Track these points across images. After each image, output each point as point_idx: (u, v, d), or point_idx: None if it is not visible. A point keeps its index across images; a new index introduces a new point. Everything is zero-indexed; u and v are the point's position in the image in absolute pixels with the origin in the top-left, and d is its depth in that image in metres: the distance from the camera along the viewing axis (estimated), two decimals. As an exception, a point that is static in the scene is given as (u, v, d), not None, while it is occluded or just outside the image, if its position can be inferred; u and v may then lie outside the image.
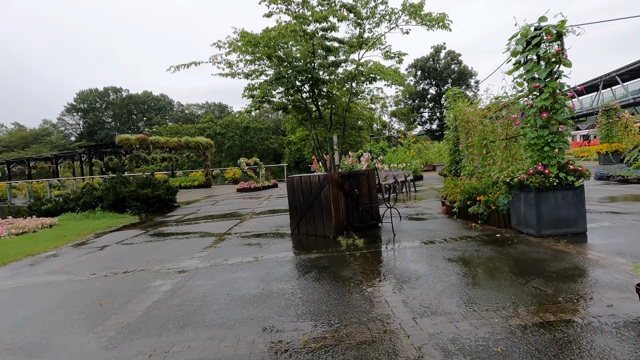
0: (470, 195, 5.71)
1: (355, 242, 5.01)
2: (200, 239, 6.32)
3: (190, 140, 23.81)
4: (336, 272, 3.75)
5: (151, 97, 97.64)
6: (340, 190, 5.52)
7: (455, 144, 8.30)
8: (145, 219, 10.36)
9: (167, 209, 12.58)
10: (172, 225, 8.64)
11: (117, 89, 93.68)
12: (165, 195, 12.18)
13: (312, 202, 5.66)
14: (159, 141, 21.30)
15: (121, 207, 11.63)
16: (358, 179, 5.77)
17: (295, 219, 6.08)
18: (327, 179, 5.35)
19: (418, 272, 3.50)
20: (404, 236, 5.19)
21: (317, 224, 5.68)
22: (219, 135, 41.40)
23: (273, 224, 7.42)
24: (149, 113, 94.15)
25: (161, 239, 6.76)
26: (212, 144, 25.66)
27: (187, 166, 37.09)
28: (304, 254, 4.65)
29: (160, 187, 12.16)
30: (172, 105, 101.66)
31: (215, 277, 3.93)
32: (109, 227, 9.17)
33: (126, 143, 19.21)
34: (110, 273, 4.47)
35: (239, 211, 10.19)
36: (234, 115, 43.22)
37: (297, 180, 5.90)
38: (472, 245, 4.35)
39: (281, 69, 4.55)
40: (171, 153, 24.63)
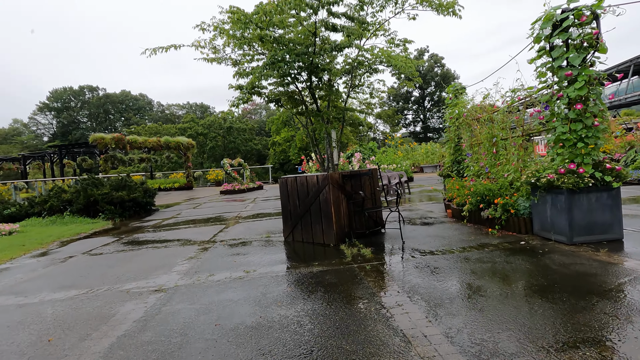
0: (482, 198, 5.19)
1: (361, 251, 4.38)
2: (181, 248, 5.55)
3: (170, 140, 22.72)
4: (348, 291, 3.11)
5: (129, 96, 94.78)
6: (341, 193, 4.89)
7: (457, 142, 7.82)
8: (119, 225, 9.44)
9: (145, 213, 11.64)
10: (149, 231, 7.79)
11: (93, 88, 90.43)
12: (142, 198, 11.25)
13: (310, 205, 5.01)
14: (137, 141, 20.17)
15: (93, 211, 10.64)
16: (360, 179, 5.16)
17: (289, 224, 5.41)
18: (327, 180, 4.71)
19: (449, 292, 2.90)
20: (415, 244, 4.61)
21: (316, 231, 5.02)
22: (201, 136, 40.12)
23: (263, 229, 6.71)
24: (127, 113, 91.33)
25: (136, 248, 5.95)
26: (194, 144, 24.61)
27: (167, 167, 35.73)
28: (303, 266, 3.99)
29: (137, 190, 11.22)
30: (151, 105, 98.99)
31: (199, 298, 3.22)
32: (77, 234, 8.23)
33: (100, 142, 18.02)
34: (70, 294, 3.68)
35: (223, 215, 9.41)
36: (217, 115, 42.01)
37: (292, 181, 5.23)
38: (498, 256, 3.80)
39: (277, 52, 3.93)
40: (150, 153, 23.44)
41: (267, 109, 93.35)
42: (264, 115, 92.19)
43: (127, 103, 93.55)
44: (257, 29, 4.08)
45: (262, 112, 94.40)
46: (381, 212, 5.46)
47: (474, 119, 6.57)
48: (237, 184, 18.07)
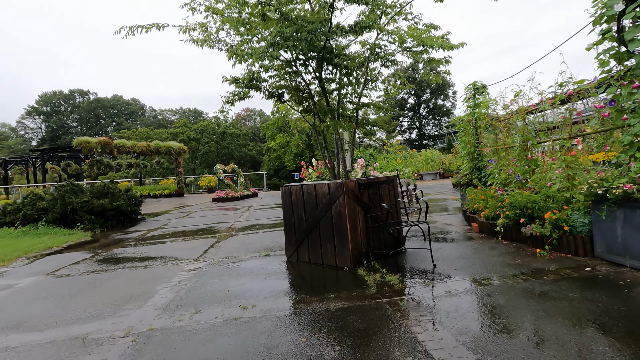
0: (523, 211, 4.39)
1: (386, 279, 3.53)
2: (164, 269, 4.64)
3: (160, 145, 21.73)
4: (384, 345, 2.26)
5: (121, 101, 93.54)
6: (357, 205, 4.05)
7: (476, 147, 7.05)
8: (99, 236, 8.46)
9: (129, 222, 10.67)
10: (130, 245, 6.85)
11: (84, 92, 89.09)
12: (126, 207, 10.28)
13: (319, 220, 4.15)
14: (125, 145, 19.16)
15: (71, 221, 9.65)
16: (379, 188, 4.32)
17: (293, 241, 4.54)
18: (342, 189, 3.87)
19: (534, 353, 2.06)
20: (450, 268, 3.77)
21: (326, 250, 4.16)
22: (193, 141, 39.07)
23: (260, 245, 5.82)
24: (118, 118, 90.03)
25: (111, 267, 5.02)
26: (186, 149, 23.65)
27: (158, 173, 34.61)
28: (316, 300, 3.12)
29: (121, 197, 10.25)
30: (144, 110, 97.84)
31: (178, 355, 2.34)
32: (48, 248, 7.25)
33: (85, 146, 16.99)
34: (2, 345, 2.77)
35: (215, 226, 8.49)
36: (210, 120, 40.99)
37: (297, 190, 4.38)
38: (568, 288, 2.98)
39: (285, 29, 3.15)
40: (139, 159, 22.40)
41: (261, 115, 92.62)
42: (258, 121, 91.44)
43: (118, 108, 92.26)
44: (258, 5, 3.29)
45: (256, 119, 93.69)
46: (402, 228, 4.63)
47: (503, 119, 5.80)
48: (231, 191, 17.15)
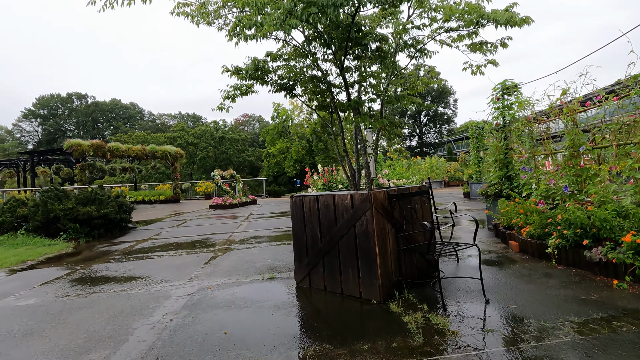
0: (586, 230, 3.60)
1: (431, 319, 2.73)
2: (147, 296, 3.82)
3: (156, 149, 20.93)
4: None
5: (119, 105, 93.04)
6: (387, 221, 3.25)
7: (505, 153, 6.29)
8: (82, 248, 7.62)
9: (119, 231, 9.83)
10: (114, 260, 6.02)
11: (81, 95, 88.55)
12: (115, 214, 9.45)
13: (339, 239, 3.35)
14: (119, 149, 18.35)
15: (53, 230, 8.80)
16: (411, 201, 3.53)
17: (304, 264, 3.73)
18: (369, 202, 3.08)
19: None
20: (504, 304, 2.98)
21: (347, 278, 3.35)
22: (191, 146, 38.29)
23: (263, 263, 5.01)
24: (116, 122, 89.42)
25: (85, 291, 4.19)
26: (183, 154, 22.85)
27: (154, 178, 33.79)
28: (345, 354, 2.31)
29: (109, 204, 9.42)
30: (142, 114, 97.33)
31: None
32: (22, 261, 6.42)
33: (77, 149, 16.17)
34: None
35: (211, 238, 7.66)
36: (209, 125, 40.21)
37: (311, 202, 3.58)
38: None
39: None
40: (134, 163, 21.57)
41: (260, 120, 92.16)
42: (257, 127, 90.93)
43: (116, 112, 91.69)
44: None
45: (255, 124, 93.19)
46: (443, 251, 3.83)
47: (541, 121, 5.05)
48: (229, 198, 16.32)
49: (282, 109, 32.08)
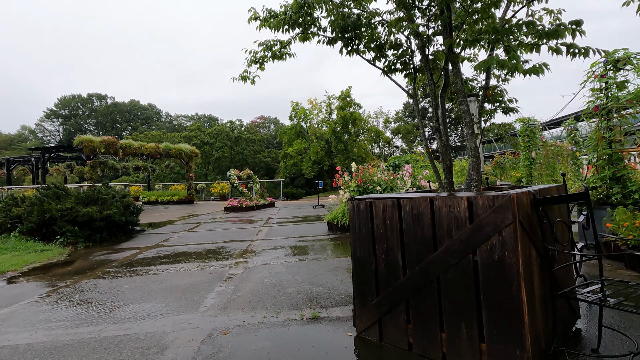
0: None
1: None
2: (129, 349, 2.57)
3: (171, 148, 20.01)
4: None
5: (138, 105, 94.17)
6: (533, 245, 1.89)
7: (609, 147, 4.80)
8: (77, 255, 6.51)
9: (124, 235, 8.74)
10: (108, 275, 4.83)
11: (101, 96, 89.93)
12: (120, 216, 8.34)
13: (441, 271, 2.03)
14: (132, 146, 17.46)
15: (49, 232, 7.75)
16: (559, 211, 2.17)
17: (372, 304, 2.41)
18: (511, 211, 1.75)
19: None
20: None
21: (458, 337, 2.01)
22: (206, 145, 37.54)
23: (296, 290, 3.71)
24: (134, 122, 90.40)
25: (53, 324, 2.99)
26: (198, 152, 21.90)
27: (169, 178, 33.10)
28: None
29: (113, 205, 8.32)
30: (159, 115, 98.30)
31: None
32: (2, 273, 5.31)
33: (87, 146, 15.30)
34: None
35: (226, 247, 6.42)
36: (225, 125, 39.34)
37: (388, 208, 2.27)
38: None
39: None
40: (147, 161, 20.73)
41: (275, 122, 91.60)
42: (272, 129, 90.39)
43: (135, 112, 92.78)
44: None
45: (270, 126, 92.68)
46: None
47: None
48: (245, 200, 15.16)
49: (300, 108, 30.91)
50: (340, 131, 29.10)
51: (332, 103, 31.48)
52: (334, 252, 5.69)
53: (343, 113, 28.26)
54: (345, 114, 28.31)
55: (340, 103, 29.76)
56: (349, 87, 30.00)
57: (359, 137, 30.81)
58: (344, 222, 7.41)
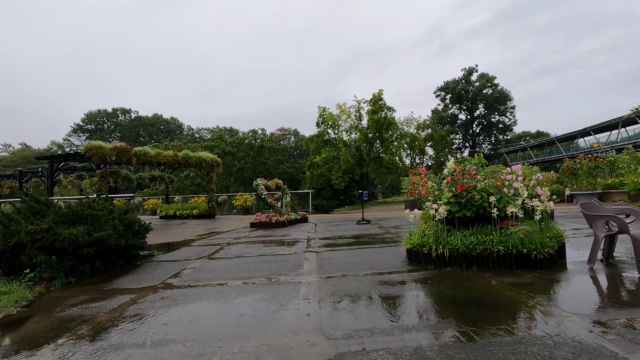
0: None
1: None
2: None
3: (190, 156, 18.08)
4: None
5: (161, 119, 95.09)
6: None
7: None
8: (43, 304, 4.26)
9: (124, 264, 6.55)
10: (81, 353, 2.48)
11: (126, 110, 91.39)
12: (117, 240, 6.12)
13: None
14: (147, 154, 15.57)
15: (19, 263, 5.62)
16: None
17: None
18: None
19: None
20: None
21: None
22: (228, 156, 35.80)
23: None
24: (157, 135, 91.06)
25: None
26: (219, 161, 19.89)
27: (189, 190, 31.36)
28: None
29: (108, 224, 6.11)
30: (182, 128, 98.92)
31: None
32: None
33: (97, 153, 13.46)
34: None
35: (264, 293, 4.02)
36: (247, 134, 37.66)
37: None
38: None
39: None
40: (164, 171, 18.85)
41: (295, 134, 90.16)
42: (292, 140, 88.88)
43: (157, 126, 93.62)
44: None
45: (290, 138, 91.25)
46: None
47: None
48: (275, 214, 12.83)
49: (328, 113, 28.66)
50: (373, 137, 26.60)
51: (362, 108, 29.15)
52: (474, 317, 3.16)
53: (377, 117, 25.79)
54: (379, 118, 25.82)
55: (372, 107, 27.36)
56: (380, 90, 27.62)
57: (393, 144, 28.19)
58: (442, 250, 4.87)
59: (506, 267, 4.64)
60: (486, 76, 55.25)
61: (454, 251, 4.87)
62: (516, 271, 4.53)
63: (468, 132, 58.01)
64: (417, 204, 19.61)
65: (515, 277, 4.25)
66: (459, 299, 3.62)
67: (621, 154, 19.36)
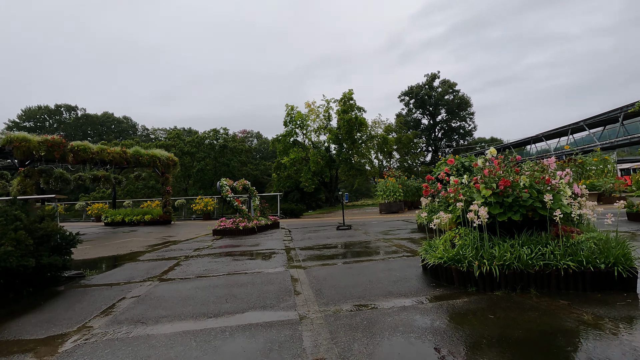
0: None
1: None
2: None
3: (142, 153, 15.78)
4: None
5: (112, 118, 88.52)
6: None
7: None
8: None
9: (37, 292, 4.67)
10: None
11: (71, 107, 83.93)
12: (19, 260, 4.23)
13: None
14: (88, 150, 13.20)
15: None
16: None
17: None
18: None
19: None
20: None
21: None
22: (186, 156, 33.05)
23: None
24: (107, 135, 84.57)
25: None
26: (176, 161, 17.71)
27: (142, 193, 28.39)
28: None
29: (5, 236, 4.21)
30: (135, 128, 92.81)
31: None
32: None
33: (20, 147, 11.01)
34: None
35: (251, 331, 2.47)
36: (208, 133, 34.87)
37: None
38: None
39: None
40: (110, 170, 16.35)
41: (258, 137, 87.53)
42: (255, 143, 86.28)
43: (108, 125, 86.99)
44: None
45: (253, 141, 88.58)
46: None
47: None
48: (243, 220, 11.12)
49: (296, 112, 27.14)
50: (344, 137, 25.46)
51: (332, 108, 28.00)
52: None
53: (347, 117, 24.68)
54: (350, 118, 24.74)
55: (342, 107, 26.27)
56: (350, 90, 26.65)
57: (363, 145, 27.25)
58: (488, 267, 3.57)
59: (576, 289, 3.44)
60: (448, 82, 56.64)
61: (504, 268, 3.60)
62: (594, 294, 3.33)
63: (431, 137, 59.12)
64: (392, 206, 18.65)
65: (603, 306, 3.04)
66: (564, 348, 2.30)
67: (588, 156, 19.84)
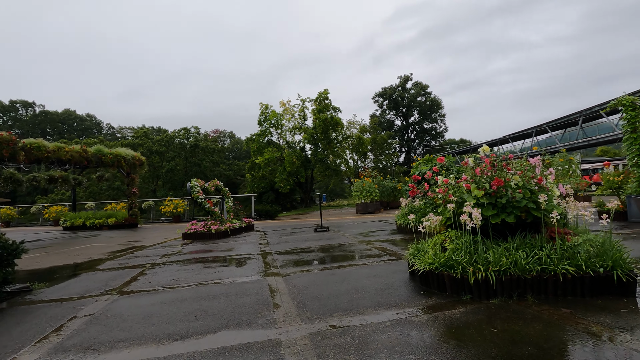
0: None
1: None
2: None
3: (105, 152, 14.75)
4: None
5: (74, 115, 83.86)
6: None
7: None
8: None
9: None
10: None
11: (28, 103, 78.80)
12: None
13: None
14: (42, 148, 12.13)
15: None
16: None
17: None
18: None
19: None
20: None
21: None
22: (155, 155, 31.56)
23: None
24: (69, 134, 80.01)
25: None
26: (143, 160, 16.73)
27: (106, 195, 26.84)
28: None
29: None
30: (100, 127, 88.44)
31: None
32: None
33: (-39, 144, 9.88)
34: None
35: (225, 356, 2.07)
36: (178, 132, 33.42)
37: None
38: None
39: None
40: (69, 170, 15.16)
41: (231, 137, 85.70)
42: (228, 143, 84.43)
43: (70, 123, 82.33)
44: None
45: (226, 141, 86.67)
46: None
47: None
48: (215, 222, 10.53)
49: (271, 111, 26.54)
50: (319, 137, 25.14)
51: (307, 107, 27.63)
52: None
53: (323, 116, 24.39)
54: (326, 117, 24.46)
55: (317, 106, 25.97)
56: (326, 89, 26.40)
57: (338, 145, 27.06)
58: (484, 274, 3.33)
59: (575, 295, 3.25)
60: (420, 84, 57.74)
61: (501, 274, 3.37)
62: (593, 301, 3.15)
63: (404, 138, 60.03)
64: (369, 207, 18.54)
65: (608, 314, 2.84)
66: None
67: (555, 156, 20.62)
